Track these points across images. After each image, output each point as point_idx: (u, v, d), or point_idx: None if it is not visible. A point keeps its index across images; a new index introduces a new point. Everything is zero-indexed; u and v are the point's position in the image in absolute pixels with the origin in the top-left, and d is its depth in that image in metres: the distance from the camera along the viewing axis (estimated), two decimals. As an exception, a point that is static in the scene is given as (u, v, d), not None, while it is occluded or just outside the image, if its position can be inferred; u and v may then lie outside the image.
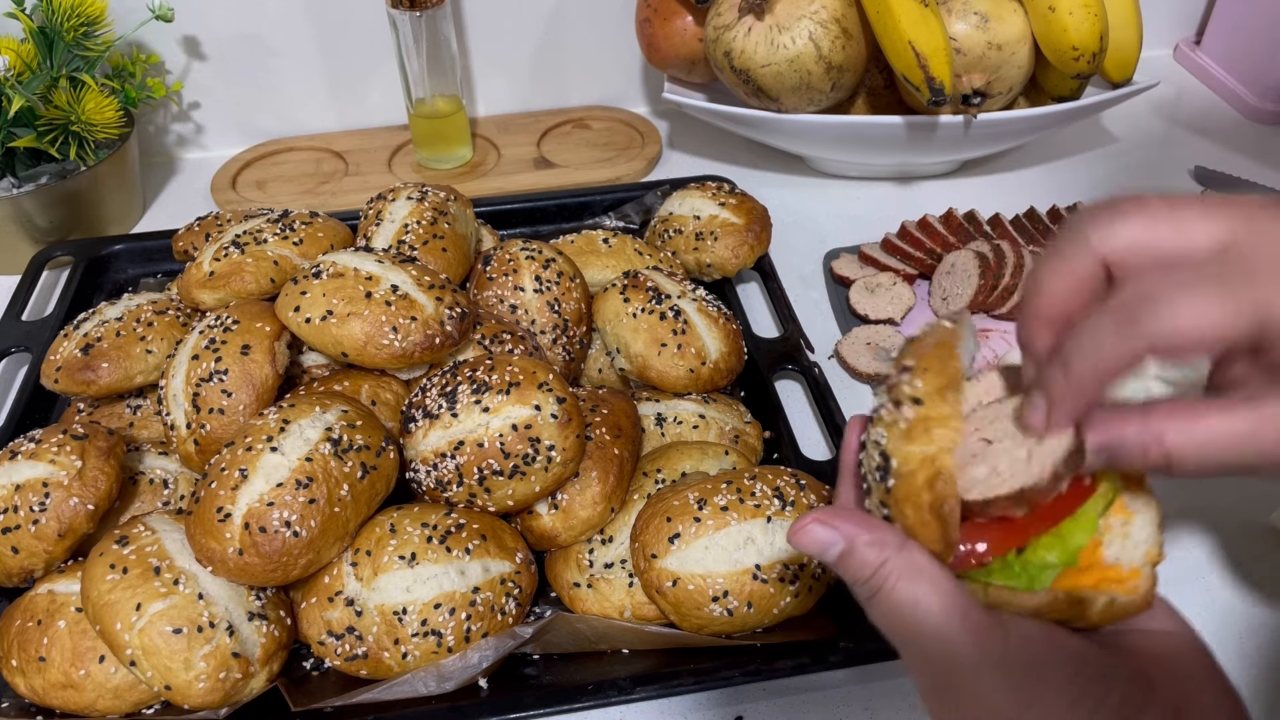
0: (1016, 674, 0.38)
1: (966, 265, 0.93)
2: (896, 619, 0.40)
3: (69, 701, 0.60)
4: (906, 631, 0.40)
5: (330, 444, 0.62)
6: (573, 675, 0.64)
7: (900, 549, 0.40)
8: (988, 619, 0.39)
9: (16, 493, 0.64)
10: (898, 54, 0.95)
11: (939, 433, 0.40)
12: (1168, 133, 1.25)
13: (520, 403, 0.64)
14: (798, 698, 0.66)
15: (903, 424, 0.41)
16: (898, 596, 0.40)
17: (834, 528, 0.41)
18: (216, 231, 0.90)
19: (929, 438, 0.40)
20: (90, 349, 0.75)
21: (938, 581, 0.39)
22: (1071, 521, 0.41)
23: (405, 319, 0.71)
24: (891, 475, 0.41)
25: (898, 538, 0.41)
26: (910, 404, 0.41)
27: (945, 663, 0.39)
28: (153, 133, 1.23)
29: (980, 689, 0.38)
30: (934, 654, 0.39)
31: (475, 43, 1.23)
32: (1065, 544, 0.41)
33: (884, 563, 0.40)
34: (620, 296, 0.81)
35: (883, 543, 0.40)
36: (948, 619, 0.39)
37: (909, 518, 0.41)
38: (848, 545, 0.41)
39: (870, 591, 0.41)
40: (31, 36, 0.99)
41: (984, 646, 0.38)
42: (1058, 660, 0.39)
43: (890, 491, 0.41)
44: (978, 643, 0.39)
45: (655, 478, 0.69)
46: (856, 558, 0.41)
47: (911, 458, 0.41)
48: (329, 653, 0.62)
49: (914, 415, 0.41)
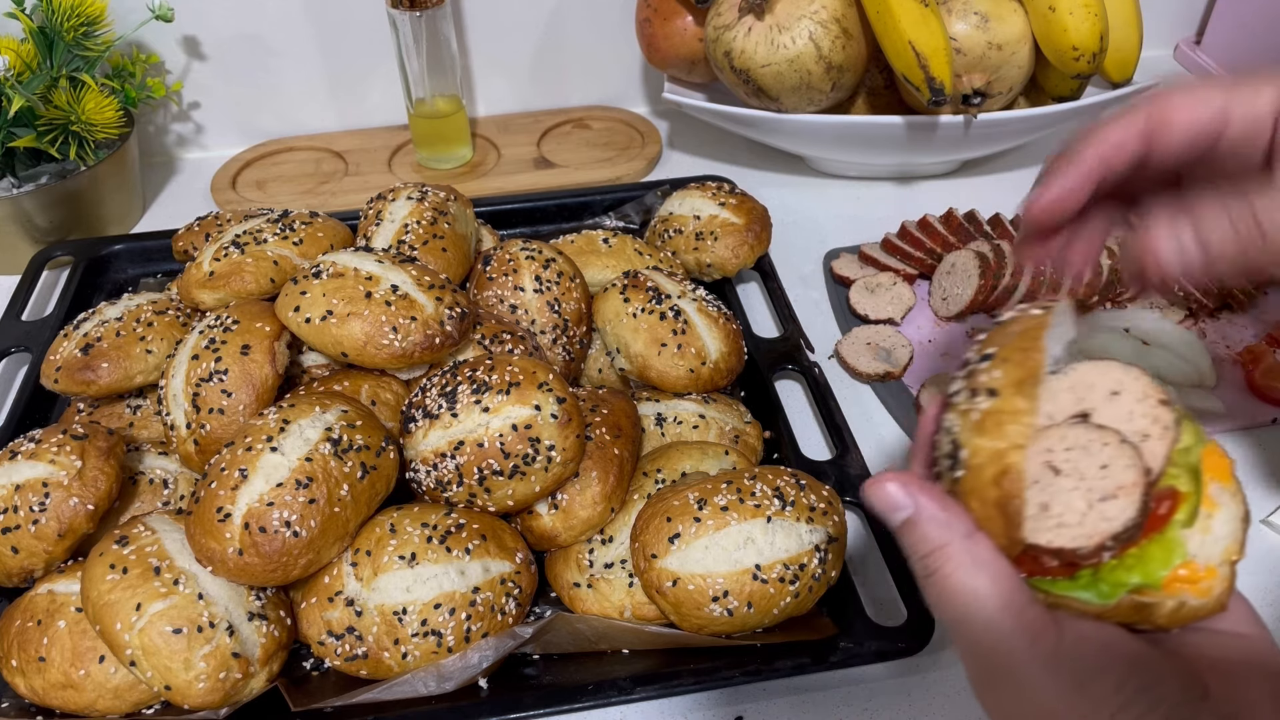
0: (1065, 676, 0.38)
1: (966, 265, 0.93)
2: (951, 605, 0.40)
3: (69, 701, 0.60)
4: (960, 619, 0.40)
5: (330, 444, 0.62)
6: (573, 675, 0.64)
7: (966, 537, 0.40)
8: (1044, 618, 0.39)
9: (16, 493, 0.64)
10: (898, 54, 0.95)
11: (1011, 428, 0.39)
12: (1168, 133, 1.25)
13: (520, 403, 0.64)
14: (798, 698, 0.66)
15: (975, 415, 0.40)
16: (954, 583, 0.39)
17: (909, 493, 0.41)
18: (216, 231, 0.90)
19: (1000, 432, 0.39)
20: (90, 349, 0.75)
21: (998, 577, 0.39)
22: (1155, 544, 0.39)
23: (405, 319, 0.71)
24: (960, 465, 0.40)
25: (966, 525, 0.40)
26: (985, 394, 0.40)
27: (996, 656, 0.39)
28: (153, 133, 1.23)
29: (1028, 687, 0.38)
30: (985, 646, 0.39)
31: (475, 43, 1.23)
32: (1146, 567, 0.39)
33: (945, 546, 0.40)
34: (620, 296, 0.81)
35: (949, 525, 0.40)
36: (1003, 614, 0.39)
37: (975, 511, 0.40)
38: (915, 516, 0.40)
39: (927, 570, 0.40)
40: (31, 36, 0.99)
41: (1037, 645, 0.38)
42: (1110, 665, 0.38)
43: (958, 481, 0.40)
44: (1031, 641, 0.38)
45: (655, 478, 0.69)
46: (919, 531, 0.40)
47: (981, 450, 0.39)
48: (329, 653, 0.62)
49: (987, 407, 0.40)
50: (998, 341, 0.42)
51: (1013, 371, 0.40)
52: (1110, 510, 0.38)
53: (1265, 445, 0.83)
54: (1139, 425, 0.41)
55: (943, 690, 0.66)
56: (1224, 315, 0.95)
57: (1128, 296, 0.94)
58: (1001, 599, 0.39)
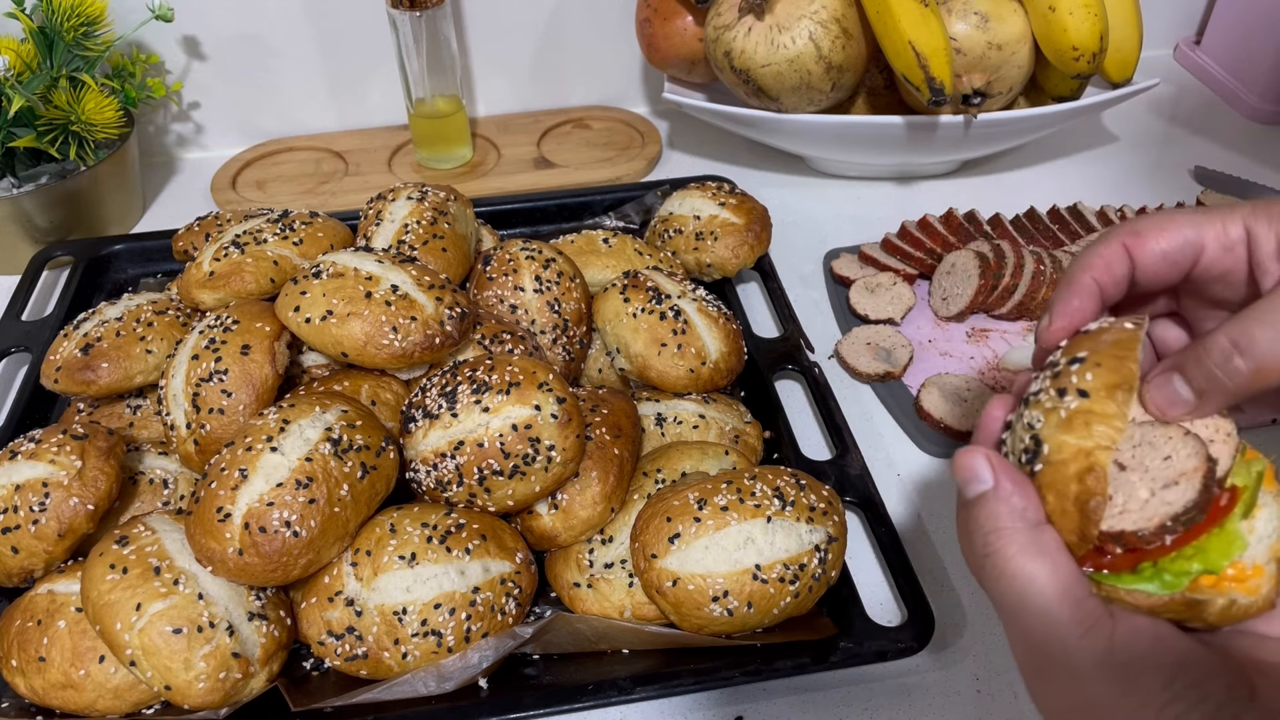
0: (1115, 669, 0.38)
1: (966, 265, 0.93)
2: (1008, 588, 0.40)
3: (69, 701, 0.60)
4: (1015, 604, 0.40)
5: (330, 444, 0.62)
6: (573, 675, 0.64)
7: (1034, 525, 0.40)
8: (1098, 610, 0.40)
9: (16, 493, 0.64)
10: (898, 54, 0.95)
11: (1100, 429, 0.40)
12: (1168, 133, 1.26)
13: (520, 403, 0.64)
14: (798, 698, 0.66)
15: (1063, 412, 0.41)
16: (1015, 566, 0.40)
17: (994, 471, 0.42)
18: (216, 231, 0.90)
19: (1088, 431, 0.40)
20: (90, 349, 0.75)
21: (1059, 566, 0.40)
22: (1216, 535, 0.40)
23: (405, 319, 0.71)
24: (1040, 460, 0.41)
25: (1038, 513, 0.41)
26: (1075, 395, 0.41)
27: (1048, 645, 0.40)
28: (153, 133, 1.23)
29: (1078, 677, 0.39)
30: (1037, 634, 0.40)
31: (475, 43, 1.23)
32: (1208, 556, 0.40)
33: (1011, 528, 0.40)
34: (620, 296, 0.81)
35: (1021, 512, 0.41)
36: (1060, 603, 0.39)
37: (1049, 504, 0.41)
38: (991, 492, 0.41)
39: (987, 549, 0.41)
40: (31, 36, 0.99)
41: (1089, 637, 0.39)
42: (1160, 661, 0.39)
43: (1035, 475, 0.41)
44: (1084, 633, 0.39)
45: (655, 478, 0.69)
46: (989, 508, 0.41)
47: (1066, 446, 0.40)
48: (329, 653, 0.62)
49: (1077, 406, 0.41)
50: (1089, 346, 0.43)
51: (1107, 376, 0.41)
52: (1171, 495, 0.40)
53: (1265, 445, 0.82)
54: (1203, 433, 0.42)
55: (943, 690, 0.66)
56: (1224, 315, 0.95)
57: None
58: (1060, 588, 0.39)
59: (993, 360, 0.91)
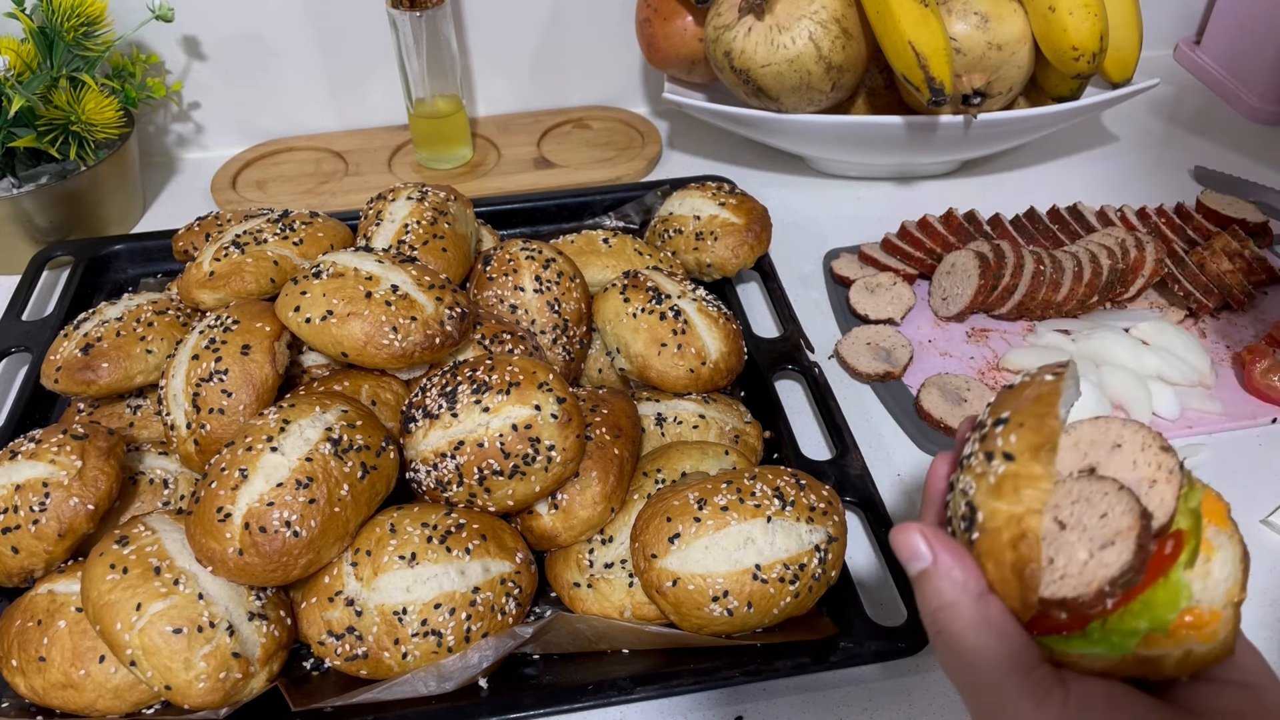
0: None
1: (966, 265, 0.93)
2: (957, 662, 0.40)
3: (69, 701, 0.60)
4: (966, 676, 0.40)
5: (330, 444, 0.62)
6: (573, 675, 0.64)
7: (978, 598, 0.40)
8: (1050, 677, 0.39)
9: (16, 493, 0.64)
10: (898, 54, 0.95)
11: (1028, 493, 0.40)
12: (1167, 133, 1.26)
13: (520, 403, 0.64)
14: (798, 698, 0.66)
15: (992, 478, 0.41)
16: (963, 642, 0.40)
17: (931, 547, 0.41)
18: (216, 231, 0.90)
19: (1017, 497, 0.40)
20: (90, 349, 0.75)
21: (1006, 636, 0.39)
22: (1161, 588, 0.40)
23: (405, 319, 0.71)
24: (976, 528, 0.40)
25: (980, 585, 0.40)
26: (1001, 458, 0.41)
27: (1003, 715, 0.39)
28: (153, 133, 1.23)
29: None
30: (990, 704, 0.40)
31: (475, 43, 1.23)
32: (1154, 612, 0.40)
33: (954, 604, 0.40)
34: (620, 296, 0.81)
35: (963, 585, 0.40)
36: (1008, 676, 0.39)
37: (990, 572, 0.40)
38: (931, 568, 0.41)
39: (935, 626, 0.41)
40: (31, 36, 0.99)
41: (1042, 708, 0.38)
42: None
43: (974, 544, 0.41)
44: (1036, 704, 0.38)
45: (655, 478, 0.69)
46: (933, 584, 0.41)
47: (998, 514, 0.40)
48: (329, 653, 0.62)
49: (1004, 471, 0.40)
50: (1011, 405, 0.43)
51: (1029, 437, 0.41)
52: (1108, 556, 0.39)
53: (1265, 445, 0.83)
54: (1145, 473, 0.42)
55: (943, 690, 0.66)
56: (1224, 315, 0.95)
57: (1128, 297, 0.94)
58: (1009, 660, 0.39)
59: (993, 360, 0.91)
